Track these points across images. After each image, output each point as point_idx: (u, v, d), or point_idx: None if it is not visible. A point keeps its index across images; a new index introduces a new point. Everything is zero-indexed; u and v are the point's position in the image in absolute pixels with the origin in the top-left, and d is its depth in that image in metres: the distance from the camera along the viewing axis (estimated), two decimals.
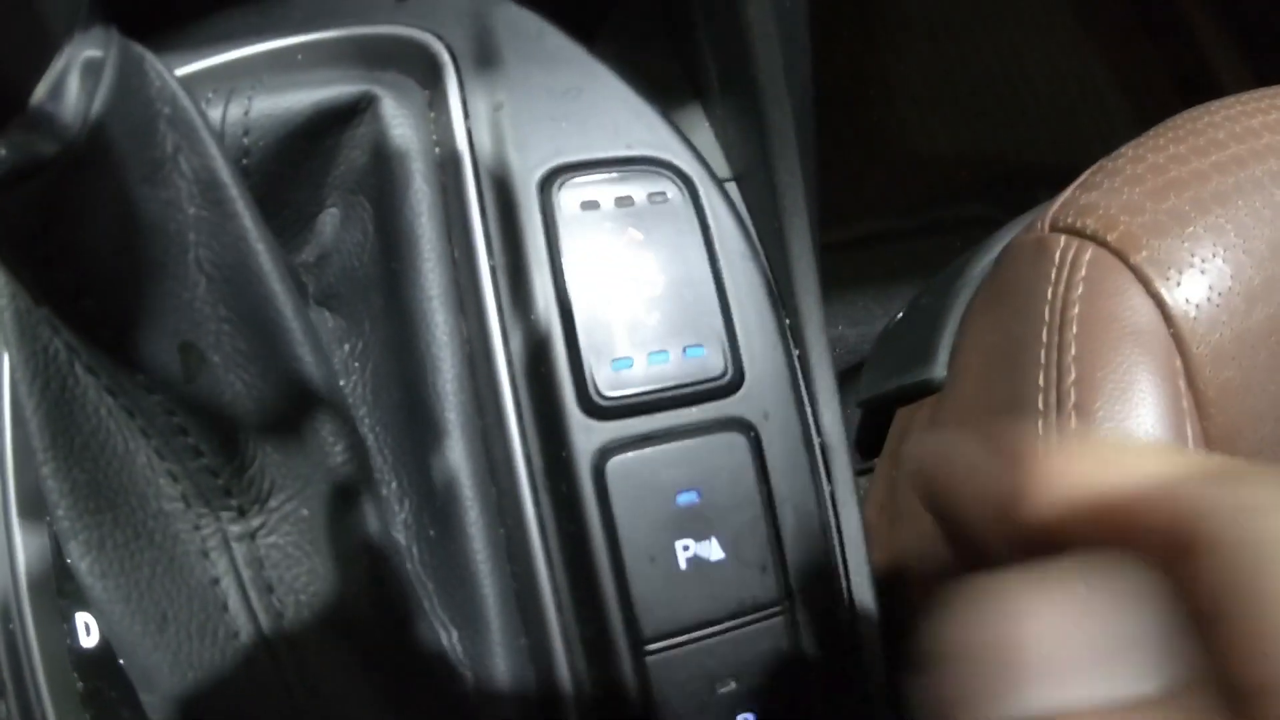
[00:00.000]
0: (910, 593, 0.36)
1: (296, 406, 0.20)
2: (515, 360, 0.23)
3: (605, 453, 0.22)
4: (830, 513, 0.24)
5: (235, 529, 0.21)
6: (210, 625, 0.20)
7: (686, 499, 0.22)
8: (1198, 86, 0.73)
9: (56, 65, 0.15)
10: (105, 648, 0.23)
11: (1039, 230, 0.36)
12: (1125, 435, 0.30)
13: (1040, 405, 0.31)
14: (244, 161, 0.26)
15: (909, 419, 0.40)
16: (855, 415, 0.50)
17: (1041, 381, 0.32)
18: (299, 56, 0.27)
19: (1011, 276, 0.37)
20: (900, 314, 0.47)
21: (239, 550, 0.21)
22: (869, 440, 0.48)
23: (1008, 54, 0.70)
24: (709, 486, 0.22)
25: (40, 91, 0.15)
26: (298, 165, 0.26)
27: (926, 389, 0.39)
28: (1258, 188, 0.35)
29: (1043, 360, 0.32)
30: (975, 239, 0.49)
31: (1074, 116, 0.71)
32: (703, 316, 0.24)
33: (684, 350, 0.23)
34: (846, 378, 0.64)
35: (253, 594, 0.21)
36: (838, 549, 0.24)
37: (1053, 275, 0.35)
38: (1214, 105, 0.38)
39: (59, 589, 0.24)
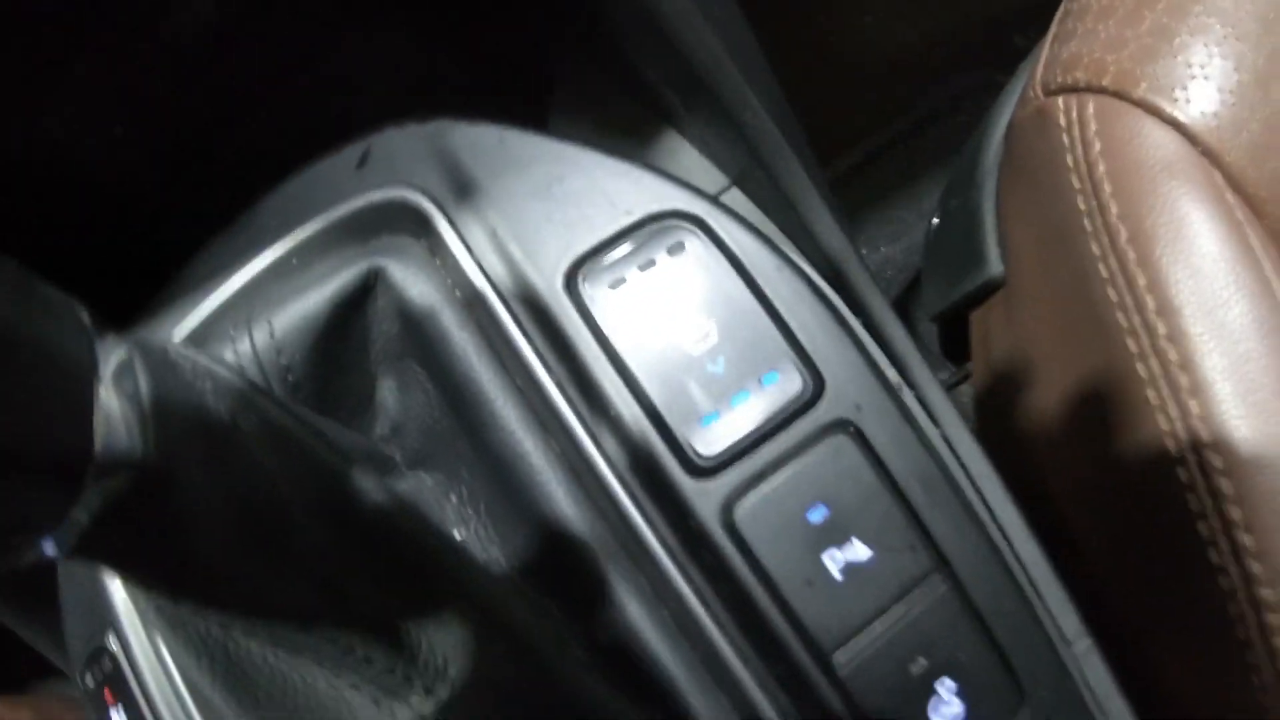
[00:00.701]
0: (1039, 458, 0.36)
1: (432, 586, 0.23)
2: (614, 458, 0.24)
3: (728, 506, 0.23)
4: (955, 464, 0.25)
5: (429, 707, 0.23)
6: None
7: (817, 514, 0.23)
8: None
9: (98, 411, 0.16)
10: None
11: (1035, 98, 0.36)
12: (1193, 269, 0.30)
13: (1104, 272, 0.32)
14: (289, 379, 0.28)
15: (985, 319, 0.41)
16: (930, 327, 0.50)
17: (1096, 249, 0.32)
18: (294, 261, 0.28)
19: (1026, 154, 0.37)
20: (936, 220, 0.48)
21: None
22: (953, 349, 0.48)
23: None
24: (833, 495, 0.23)
25: (98, 441, 0.16)
26: (337, 358, 0.28)
27: (990, 288, 0.40)
28: None
29: (1089, 227, 0.33)
30: (977, 107, 0.49)
31: None
32: (764, 343, 0.25)
33: (760, 381, 0.24)
34: (909, 296, 0.64)
35: None
36: (974, 496, 0.25)
37: (1066, 141, 0.35)
38: None
39: None
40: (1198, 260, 0.30)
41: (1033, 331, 0.37)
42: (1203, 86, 0.33)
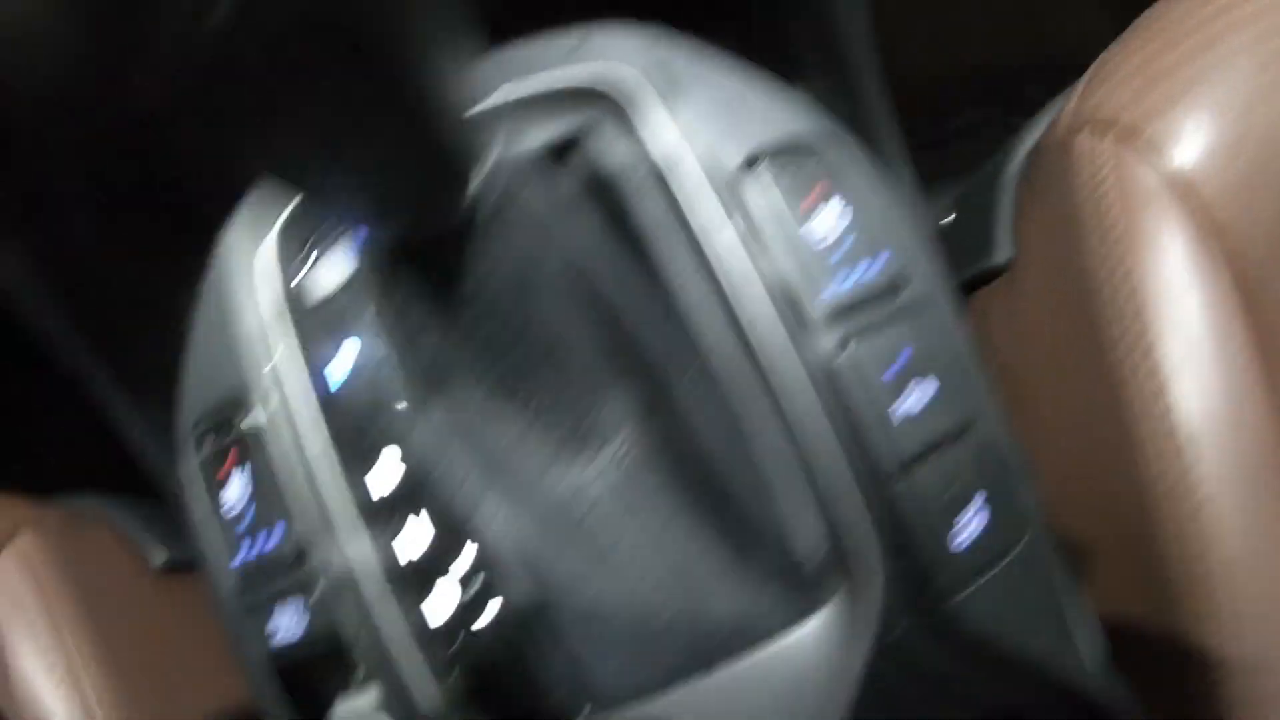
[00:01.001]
0: None
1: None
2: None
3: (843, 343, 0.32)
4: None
5: (593, 469, 0.32)
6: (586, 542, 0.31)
7: (899, 364, 0.32)
8: None
9: None
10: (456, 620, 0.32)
11: (1061, 130, 0.46)
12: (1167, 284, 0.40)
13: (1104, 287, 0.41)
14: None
15: (987, 299, 0.51)
16: None
17: (1100, 268, 0.42)
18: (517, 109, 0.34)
19: (1046, 172, 0.47)
20: (952, 214, 0.58)
21: (597, 484, 0.32)
22: None
23: None
24: (912, 351, 0.32)
25: None
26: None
27: (996, 272, 0.50)
28: (1229, 59, 0.44)
29: (1096, 246, 0.42)
30: (983, 140, 0.59)
31: (1042, 16, 0.81)
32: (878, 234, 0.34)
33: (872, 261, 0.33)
34: None
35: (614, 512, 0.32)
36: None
37: (1081, 168, 0.45)
38: None
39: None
40: (1170, 276, 0.40)
41: (1034, 321, 0.47)
42: (1192, 143, 0.43)
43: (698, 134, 0.32)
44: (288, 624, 0.33)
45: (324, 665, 0.32)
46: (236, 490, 0.33)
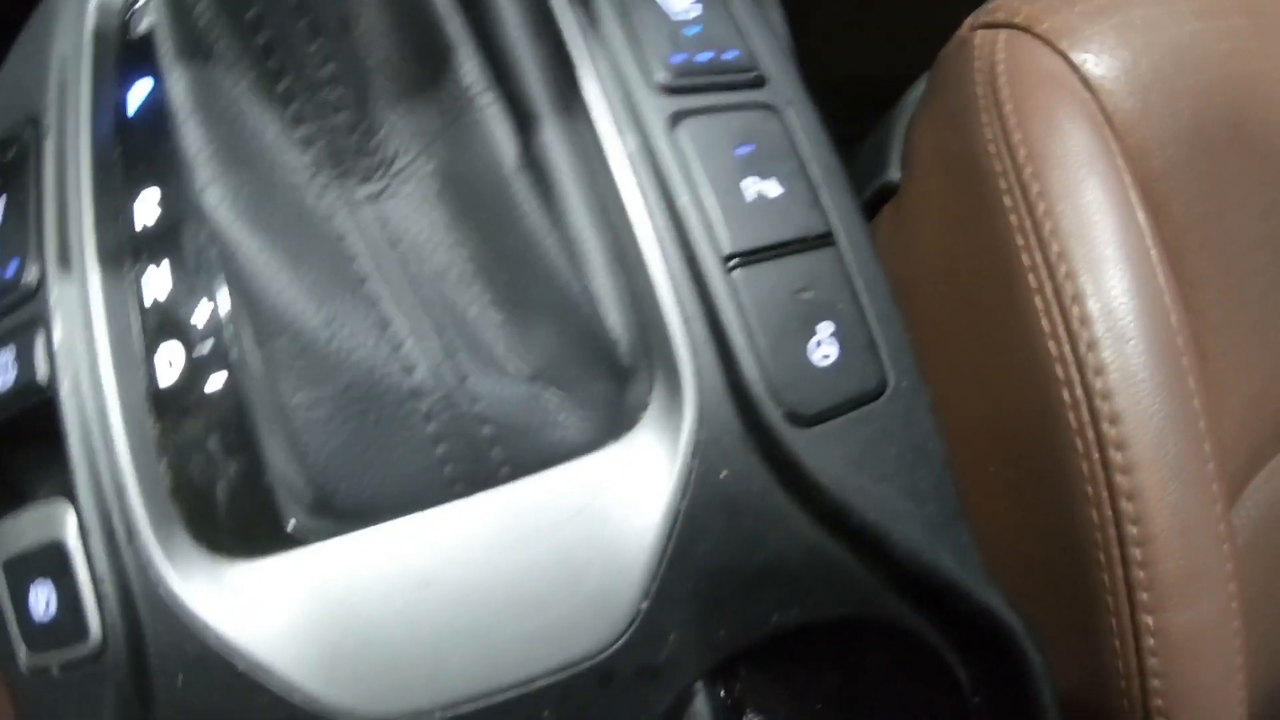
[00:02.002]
0: None
1: (431, 56, 0.24)
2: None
3: (676, 118, 0.26)
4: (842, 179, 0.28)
5: (361, 192, 0.23)
6: (340, 270, 0.23)
7: (745, 150, 0.26)
8: None
9: None
10: (186, 381, 0.25)
11: (961, 34, 0.43)
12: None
13: (1003, 185, 0.36)
14: None
15: (877, 223, 0.46)
16: None
17: (999, 167, 0.37)
18: None
19: (942, 82, 0.43)
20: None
21: (365, 211, 0.24)
22: None
23: None
24: (760, 140, 0.26)
25: None
26: None
27: (885, 193, 0.45)
28: None
29: (993, 147, 0.38)
30: None
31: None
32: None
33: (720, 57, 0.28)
34: None
35: (379, 246, 0.23)
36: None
37: (977, 66, 0.41)
38: None
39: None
40: (1069, 155, 0.35)
41: (924, 230, 0.42)
42: (1092, 40, 0.39)
43: None
44: None
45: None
46: None
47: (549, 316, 0.25)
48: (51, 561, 0.23)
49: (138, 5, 0.29)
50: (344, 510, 0.23)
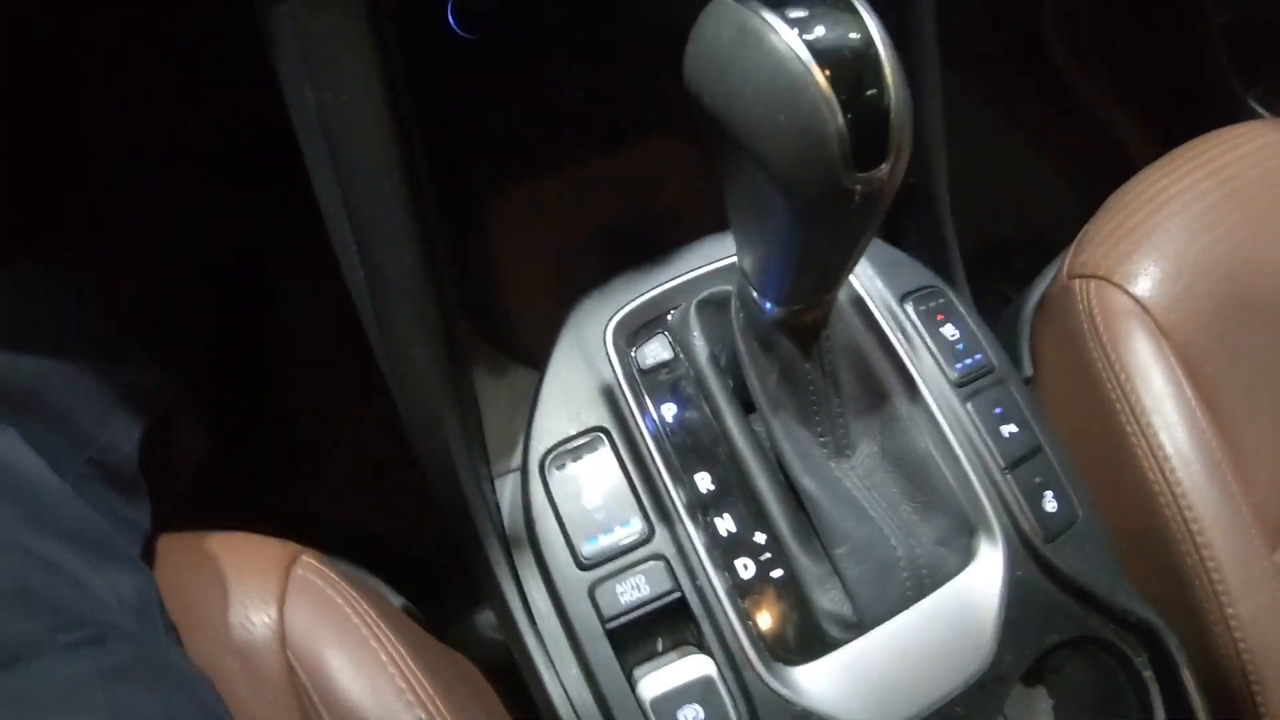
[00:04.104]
0: None
1: (873, 393, 0.54)
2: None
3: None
4: None
5: (846, 464, 0.52)
6: (854, 505, 0.52)
7: (999, 410, 0.55)
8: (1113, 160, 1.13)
9: None
10: (757, 576, 0.52)
11: (1062, 280, 0.70)
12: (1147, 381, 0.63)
13: (1107, 380, 0.64)
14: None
15: None
16: None
17: (1102, 370, 0.64)
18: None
19: (1055, 312, 0.71)
20: None
21: (851, 474, 0.52)
22: None
23: (972, 155, 1.02)
24: (1004, 403, 0.55)
25: None
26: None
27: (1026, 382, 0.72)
28: (1167, 223, 0.69)
29: (1096, 359, 0.65)
30: (984, 306, 0.83)
31: (1025, 200, 1.09)
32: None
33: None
34: None
35: (864, 490, 0.53)
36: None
37: (1081, 306, 0.68)
38: (1136, 180, 0.73)
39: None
40: (1147, 372, 0.63)
41: (1057, 419, 0.69)
42: (1145, 278, 0.67)
43: (874, 281, 0.56)
44: (630, 591, 0.51)
45: (646, 631, 0.50)
46: (592, 497, 0.52)
47: (943, 513, 0.52)
48: (701, 691, 0.48)
49: (634, 350, 0.56)
50: (865, 622, 0.50)
